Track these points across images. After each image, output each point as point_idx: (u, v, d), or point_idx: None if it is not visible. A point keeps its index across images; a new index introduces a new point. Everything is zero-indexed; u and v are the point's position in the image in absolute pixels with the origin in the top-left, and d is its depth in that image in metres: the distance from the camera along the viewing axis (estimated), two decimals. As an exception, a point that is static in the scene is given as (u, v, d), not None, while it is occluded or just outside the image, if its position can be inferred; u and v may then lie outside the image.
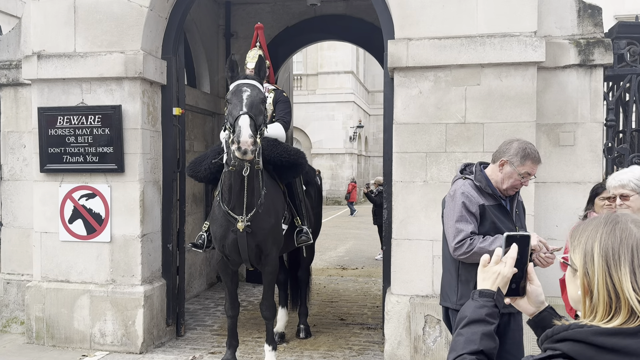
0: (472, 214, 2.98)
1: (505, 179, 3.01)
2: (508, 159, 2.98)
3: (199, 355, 5.18)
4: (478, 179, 3.06)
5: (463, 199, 3.00)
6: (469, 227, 2.96)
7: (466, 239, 2.95)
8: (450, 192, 3.12)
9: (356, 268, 10.00)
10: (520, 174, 2.97)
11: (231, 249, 4.54)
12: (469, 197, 3.00)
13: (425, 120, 4.75)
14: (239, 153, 3.75)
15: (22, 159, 5.95)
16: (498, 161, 3.03)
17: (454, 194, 3.07)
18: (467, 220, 2.98)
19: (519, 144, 3.01)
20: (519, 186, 3.03)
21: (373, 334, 5.81)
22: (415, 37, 4.73)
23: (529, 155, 2.98)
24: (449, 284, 3.16)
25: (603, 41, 4.75)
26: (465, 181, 3.09)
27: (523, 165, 2.96)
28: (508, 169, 2.98)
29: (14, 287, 5.93)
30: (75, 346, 5.33)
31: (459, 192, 3.04)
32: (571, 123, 4.80)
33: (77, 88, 5.35)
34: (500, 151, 3.06)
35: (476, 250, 2.92)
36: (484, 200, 3.01)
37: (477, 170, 3.10)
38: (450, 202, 3.09)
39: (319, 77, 28.35)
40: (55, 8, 5.34)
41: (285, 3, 8.46)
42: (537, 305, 1.57)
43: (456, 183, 3.15)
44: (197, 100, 7.47)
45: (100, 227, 5.33)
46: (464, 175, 3.14)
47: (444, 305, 3.24)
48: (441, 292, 3.28)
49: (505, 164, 2.99)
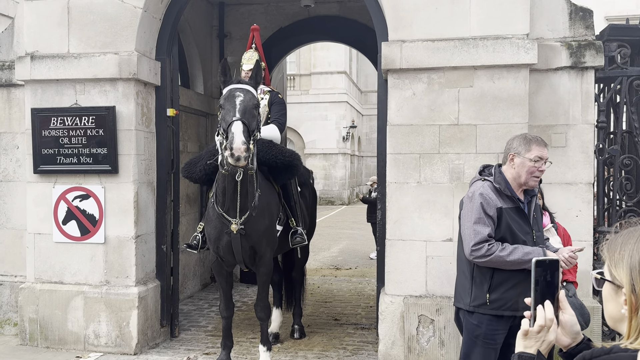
0: (490, 217, 3.01)
1: (520, 172, 3.04)
2: (514, 151, 3.07)
3: (193, 356, 5.18)
4: (497, 180, 3.08)
5: (481, 201, 3.02)
6: (486, 230, 2.98)
7: (484, 243, 2.97)
8: (469, 194, 3.14)
9: (350, 268, 10.03)
10: (532, 159, 3.01)
11: (225, 251, 4.55)
12: (487, 199, 3.02)
13: (418, 122, 4.78)
14: (233, 160, 3.75)
15: (15, 160, 5.93)
16: (507, 158, 3.11)
17: (472, 196, 3.08)
18: (485, 223, 3.00)
19: (518, 136, 3.16)
20: (537, 174, 3.06)
21: (367, 334, 5.83)
22: (409, 39, 4.76)
23: (531, 140, 3.06)
24: (463, 285, 3.17)
25: (594, 43, 4.80)
26: (484, 183, 3.11)
27: (530, 151, 3.02)
28: (518, 160, 3.04)
29: (7, 288, 5.91)
30: (69, 347, 5.32)
31: (477, 194, 3.05)
32: (563, 125, 4.85)
33: (70, 89, 5.34)
34: (506, 149, 3.16)
35: (494, 258, 2.95)
36: (502, 203, 3.03)
37: (496, 172, 3.13)
38: (468, 204, 3.10)
39: (312, 78, 28.36)
40: (48, 9, 5.33)
41: (279, 4, 8.47)
42: (573, 336, 1.44)
43: (475, 184, 3.17)
44: (190, 101, 7.47)
45: (94, 228, 5.32)
46: (483, 176, 3.16)
47: (457, 306, 3.25)
48: (455, 293, 3.30)
49: (514, 156, 3.06)
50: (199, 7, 7.99)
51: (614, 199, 5.11)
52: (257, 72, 4.38)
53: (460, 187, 4.72)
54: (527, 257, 2.93)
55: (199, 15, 8.04)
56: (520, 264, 2.94)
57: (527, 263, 2.90)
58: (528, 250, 2.97)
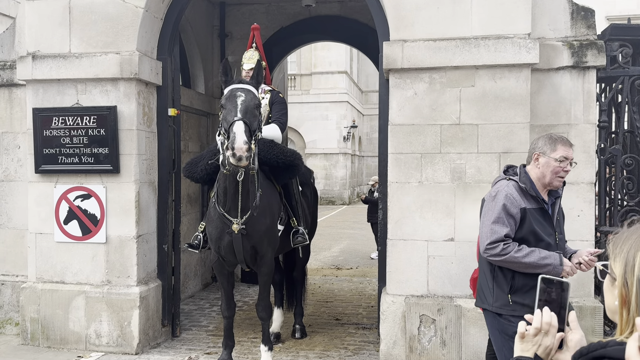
0: (512, 217, 2.97)
1: (545, 172, 3.02)
2: (539, 151, 3.04)
3: (194, 355, 5.18)
4: (523, 180, 3.04)
5: (505, 201, 2.97)
6: (504, 230, 2.95)
7: (499, 242, 2.93)
8: (492, 192, 3.10)
9: (351, 268, 10.02)
10: (557, 159, 2.98)
11: (227, 251, 4.55)
12: (511, 199, 2.98)
13: (420, 122, 4.78)
14: (234, 160, 3.75)
15: (16, 160, 5.93)
16: (532, 158, 3.07)
17: (495, 195, 3.04)
18: (504, 223, 2.96)
19: (544, 135, 3.13)
20: (562, 174, 3.03)
21: (368, 334, 5.83)
22: (410, 39, 4.76)
23: (557, 140, 3.03)
24: (486, 285, 3.14)
25: (596, 43, 4.79)
26: (509, 182, 3.07)
27: (555, 151, 2.99)
28: (543, 160, 3.01)
29: (8, 288, 5.92)
30: (71, 347, 5.32)
31: (502, 194, 3.01)
32: (564, 124, 4.85)
33: (72, 89, 5.34)
34: (531, 149, 3.13)
35: (509, 258, 2.92)
36: (526, 203, 2.99)
37: (521, 172, 3.09)
38: (489, 202, 3.07)
39: (313, 77, 28.37)
40: (50, 8, 5.33)
41: (280, 4, 8.47)
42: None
43: (499, 184, 3.12)
44: (192, 100, 7.47)
45: (95, 228, 5.32)
46: (508, 176, 3.11)
47: (481, 307, 3.22)
48: (477, 294, 3.27)
49: (538, 156, 3.03)
50: (200, 6, 7.99)
51: (616, 198, 5.11)
52: (258, 72, 4.38)
53: (461, 186, 4.72)
54: (542, 262, 2.90)
55: (200, 15, 8.05)
56: (535, 267, 2.90)
57: (542, 268, 2.87)
58: (545, 254, 2.93)
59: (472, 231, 4.57)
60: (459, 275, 4.72)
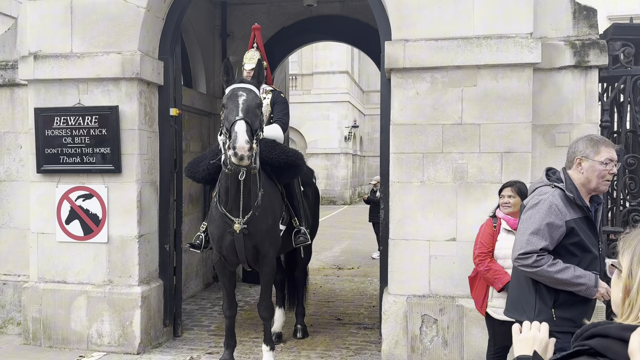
0: (555, 230, 2.76)
1: (590, 177, 2.81)
2: (582, 155, 2.82)
3: (196, 355, 5.18)
4: (569, 188, 2.81)
5: (548, 212, 2.75)
6: (541, 243, 2.75)
7: (533, 253, 2.75)
8: (534, 200, 2.86)
9: (352, 268, 10.02)
10: (602, 162, 2.78)
11: (228, 250, 4.55)
12: (555, 211, 2.75)
13: (422, 121, 4.77)
14: (236, 159, 3.75)
15: (18, 160, 5.93)
16: (574, 162, 2.85)
17: (538, 203, 2.81)
18: (544, 236, 2.75)
19: (583, 138, 2.91)
20: (609, 177, 2.82)
21: (370, 334, 5.83)
22: (412, 39, 4.75)
23: (599, 142, 2.83)
24: (525, 298, 2.94)
25: (598, 43, 4.78)
26: (554, 190, 2.83)
27: (599, 153, 2.79)
28: (586, 164, 2.80)
29: (10, 287, 5.92)
30: (73, 347, 5.33)
31: (545, 203, 2.78)
32: (567, 124, 4.84)
33: (74, 88, 5.34)
34: (571, 153, 2.90)
35: (541, 271, 2.75)
36: (572, 214, 2.78)
37: (566, 178, 2.85)
38: (531, 210, 2.84)
39: (314, 77, 28.34)
40: (51, 8, 5.33)
41: (281, 4, 8.46)
42: None
43: (542, 190, 2.88)
44: (193, 100, 7.47)
45: (97, 227, 5.32)
46: (552, 182, 2.87)
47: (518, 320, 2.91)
48: (513, 305, 3.06)
49: (581, 161, 2.82)
50: (202, 6, 7.99)
51: (618, 198, 5.09)
52: (259, 72, 4.38)
53: (463, 186, 4.71)
54: (576, 280, 2.72)
55: (202, 15, 8.05)
56: (567, 284, 2.74)
57: (575, 286, 2.73)
58: (580, 273, 2.74)
59: (474, 231, 4.57)
60: (461, 275, 4.71)
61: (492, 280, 3.71)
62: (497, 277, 3.67)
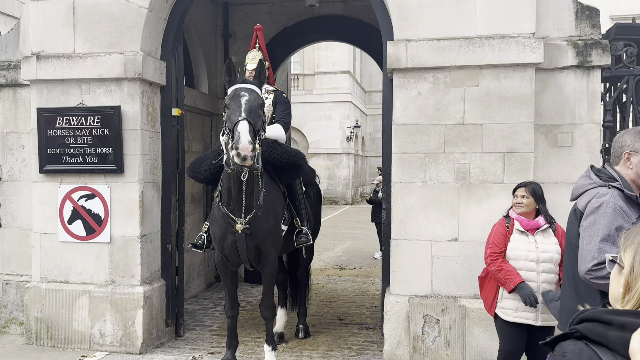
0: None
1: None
2: (630, 149, 2.65)
3: (198, 355, 5.19)
4: (627, 187, 2.61)
5: (614, 215, 2.54)
6: (614, 250, 2.48)
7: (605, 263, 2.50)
8: (594, 203, 2.63)
9: (354, 268, 10.02)
10: None
11: (230, 250, 4.55)
12: (621, 213, 2.55)
13: (424, 121, 4.77)
14: (239, 159, 3.75)
15: (21, 160, 5.94)
16: (621, 158, 2.68)
17: (600, 206, 2.59)
18: (615, 242, 2.47)
19: (629, 131, 2.74)
20: None
21: (372, 334, 5.83)
22: (414, 39, 4.75)
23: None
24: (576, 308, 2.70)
25: (601, 42, 4.78)
26: (612, 191, 2.62)
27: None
28: (636, 159, 2.64)
29: (12, 287, 5.93)
30: (75, 347, 5.34)
31: (609, 206, 2.57)
32: (569, 124, 4.83)
33: (76, 89, 5.35)
34: (616, 148, 2.73)
35: None
36: (634, 214, 2.59)
37: (620, 176, 2.66)
38: (593, 215, 2.61)
39: (316, 77, 28.35)
40: (54, 9, 5.34)
41: (284, 4, 8.47)
42: None
43: (599, 191, 2.66)
44: (195, 100, 7.47)
45: (99, 227, 5.33)
46: (605, 182, 2.68)
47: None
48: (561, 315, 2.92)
49: (630, 155, 2.65)
50: (204, 7, 8.00)
51: (621, 198, 5.08)
52: (260, 72, 4.38)
53: (465, 186, 4.71)
54: None
55: (204, 15, 8.05)
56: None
57: None
58: None
59: (477, 231, 4.57)
60: (463, 275, 4.71)
61: (504, 281, 3.64)
62: (508, 277, 3.62)
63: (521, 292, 3.56)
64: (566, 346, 1.24)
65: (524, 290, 3.56)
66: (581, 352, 1.21)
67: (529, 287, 3.56)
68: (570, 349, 1.23)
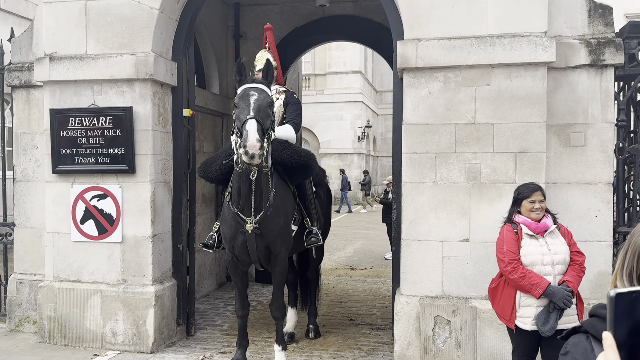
0: None
1: None
2: None
3: (209, 354, 5.21)
4: None
5: None
6: None
7: None
8: None
9: (365, 268, 10.00)
10: None
11: (241, 250, 4.56)
12: None
13: (434, 121, 4.75)
14: (247, 157, 3.77)
15: (34, 160, 6.01)
16: None
17: None
18: None
19: None
20: None
21: (382, 335, 5.81)
22: (425, 38, 4.73)
23: None
24: None
25: (614, 41, 4.72)
26: None
27: None
28: None
29: (26, 286, 5.99)
30: (87, 345, 5.38)
31: None
32: (582, 123, 4.78)
33: (88, 90, 5.40)
34: None
35: None
36: None
37: None
38: None
39: (327, 77, 28.34)
40: (66, 10, 5.39)
41: (294, 4, 8.48)
42: None
43: None
44: (206, 101, 7.50)
45: (111, 227, 5.37)
46: None
47: None
48: None
49: None
50: (215, 7, 8.03)
51: (634, 198, 5.02)
52: (267, 71, 4.39)
53: (477, 186, 4.68)
54: None
55: (215, 16, 8.08)
56: None
57: None
58: None
59: (488, 232, 4.53)
60: (474, 276, 4.68)
61: (529, 287, 3.41)
62: (534, 282, 3.40)
63: (554, 297, 3.36)
64: (570, 339, 1.30)
65: (556, 293, 3.36)
66: (578, 344, 1.26)
67: (559, 288, 3.39)
68: (571, 342, 1.29)
